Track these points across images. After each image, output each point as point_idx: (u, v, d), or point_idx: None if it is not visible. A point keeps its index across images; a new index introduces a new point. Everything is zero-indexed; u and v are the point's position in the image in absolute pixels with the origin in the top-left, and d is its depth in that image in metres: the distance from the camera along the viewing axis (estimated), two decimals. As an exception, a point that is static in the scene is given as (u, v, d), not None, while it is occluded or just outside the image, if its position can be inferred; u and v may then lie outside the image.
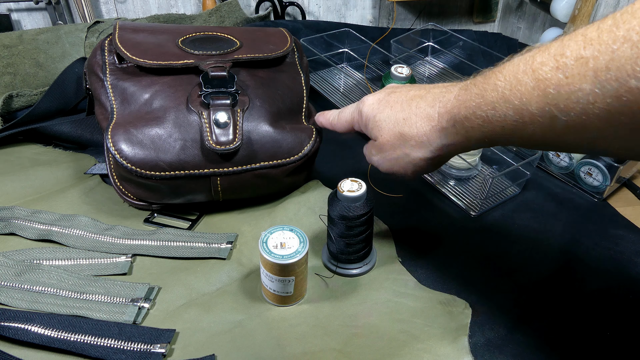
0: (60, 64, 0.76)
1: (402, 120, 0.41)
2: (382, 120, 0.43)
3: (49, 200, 0.56)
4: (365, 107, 0.46)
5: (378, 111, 0.44)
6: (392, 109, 0.43)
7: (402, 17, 1.08)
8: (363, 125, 0.46)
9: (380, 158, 0.45)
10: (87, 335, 0.40)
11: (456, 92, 0.37)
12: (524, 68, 0.30)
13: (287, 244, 0.43)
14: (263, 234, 0.44)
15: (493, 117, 0.33)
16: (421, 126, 0.40)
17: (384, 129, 0.43)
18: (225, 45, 0.57)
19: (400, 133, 0.41)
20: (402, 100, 0.42)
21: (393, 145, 0.43)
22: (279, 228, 0.44)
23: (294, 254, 0.42)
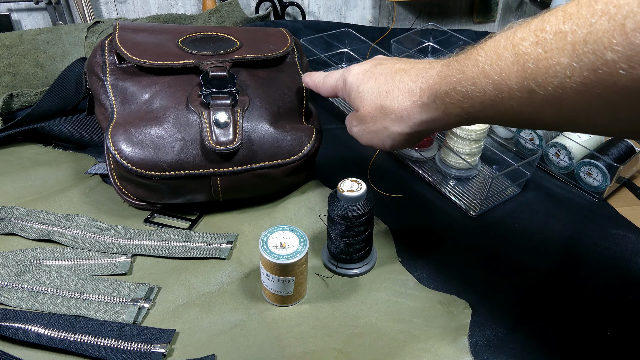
0: (60, 64, 0.76)
1: (385, 93, 0.41)
2: (365, 92, 0.43)
3: (49, 200, 0.56)
4: (350, 76, 0.45)
5: (362, 82, 0.44)
6: (376, 80, 0.42)
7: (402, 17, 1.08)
8: (346, 94, 0.46)
9: (360, 129, 0.45)
10: (87, 335, 0.40)
11: (439, 67, 0.38)
12: (504, 43, 0.30)
13: (287, 244, 0.43)
14: (263, 234, 0.43)
15: (472, 93, 0.33)
16: (402, 100, 0.40)
17: (366, 101, 0.43)
18: (225, 45, 0.57)
19: (381, 106, 0.42)
20: (387, 72, 0.42)
21: (373, 118, 0.43)
22: (279, 228, 0.44)
23: (294, 254, 0.42)
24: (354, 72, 0.45)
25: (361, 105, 0.44)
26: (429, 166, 0.67)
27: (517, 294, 0.48)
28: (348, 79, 0.46)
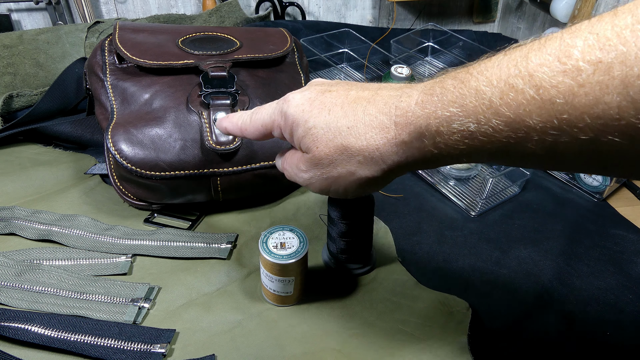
0: (60, 64, 0.76)
1: (346, 130, 0.32)
2: (317, 128, 0.34)
3: (49, 200, 0.56)
4: (291, 109, 0.35)
5: (311, 115, 0.34)
6: (330, 113, 0.33)
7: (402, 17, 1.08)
8: (287, 132, 0.36)
9: (312, 176, 0.36)
10: (87, 335, 0.40)
11: (416, 95, 0.30)
12: (515, 71, 0.24)
13: (287, 244, 0.43)
14: (263, 234, 0.43)
15: (477, 132, 0.26)
16: (372, 138, 0.32)
17: (321, 140, 0.34)
18: (225, 45, 0.57)
19: (343, 146, 0.33)
20: (342, 102, 0.34)
21: (333, 161, 0.34)
22: (279, 228, 0.44)
23: (294, 254, 0.42)
24: (294, 102, 0.35)
25: (314, 145, 0.34)
26: (429, 166, 0.67)
27: (517, 294, 0.48)
28: (289, 112, 0.35)
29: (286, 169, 0.39)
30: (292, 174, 0.38)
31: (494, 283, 0.49)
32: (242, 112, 0.41)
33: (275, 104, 0.38)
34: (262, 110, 0.39)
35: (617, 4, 0.76)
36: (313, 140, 0.34)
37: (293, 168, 0.38)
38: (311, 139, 0.34)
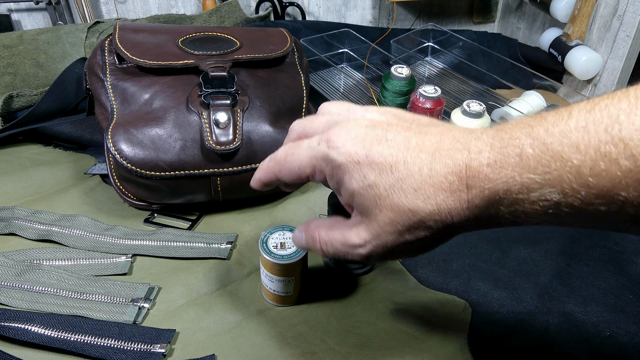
0: (60, 64, 0.76)
1: (413, 192, 0.28)
2: (379, 187, 0.28)
3: (49, 201, 0.56)
4: (341, 157, 0.29)
5: (370, 170, 0.29)
6: (392, 170, 0.28)
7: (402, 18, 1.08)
8: (334, 182, 0.31)
9: (374, 248, 0.30)
10: (87, 335, 0.40)
11: (488, 154, 0.26)
12: (607, 137, 0.22)
13: (287, 244, 0.43)
14: (263, 234, 0.43)
15: (562, 203, 0.24)
16: (443, 201, 0.27)
17: (385, 202, 0.28)
18: (225, 46, 0.57)
19: (411, 210, 0.28)
20: (406, 157, 0.29)
21: (399, 227, 0.29)
22: (279, 228, 0.44)
23: (293, 254, 0.42)
24: (344, 148, 0.29)
25: (375, 207, 0.29)
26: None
27: (517, 294, 0.48)
28: (338, 159, 0.29)
29: (324, 246, 0.32)
30: (337, 250, 0.32)
31: (494, 283, 0.49)
32: (273, 154, 0.34)
33: (316, 143, 0.31)
34: (298, 150, 0.32)
35: (617, 5, 0.76)
36: (375, 202, 0.29)
37: (338, 243, 0.31)
38: (372, 200, 0.29)
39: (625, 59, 0.76)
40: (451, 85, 0.87)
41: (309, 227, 0.34)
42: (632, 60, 0.78)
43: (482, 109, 0.60)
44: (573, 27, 0.82)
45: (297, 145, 0.32)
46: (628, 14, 0.74)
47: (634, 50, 0.76)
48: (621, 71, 0.78)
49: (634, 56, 0.77)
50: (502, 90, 0.88)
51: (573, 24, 0.82)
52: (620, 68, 0.77)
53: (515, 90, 0.87)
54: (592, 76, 0.82)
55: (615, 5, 0.76)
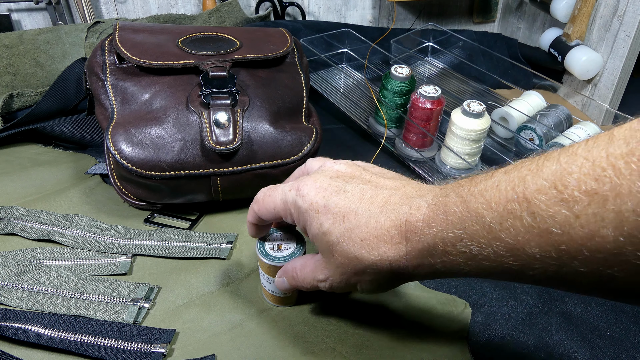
0: (60, 64, 0.76)
1: (360, 242, 0.32)
2: (332, 235, 0.33)
3: (49, 200, 0.56)
4: (305, 204, 0.34)
5: (326, 219, 0.33)
6: (344, 221, 0.32)
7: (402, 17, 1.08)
8: (300, 225, 0.36)
9: (333, 282, 0.36)
10: (87, 335, 0.40)
11: (425, 211, 0.29)
12: (513, 195, 0.24)
13: (284, 245, 0.42)
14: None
15: (479, 255, 0.26)
16: (384, 252, 0.31)
17: (335, 248, 0.33)
18: (225, 45, 0.57)
19: (357, 258, 0.32)
20: (357, 209, 0.32)
21: (347, 270, 0.34)
22: (276, 230, 0.44)
23: (290, 256, 0.41)
24: (308, 198, 0.34)
25: (328, 251, 0.34)
26: (429, 166, 0.67)
27: (517, 294, 0.48)
28: (303, 207, 0.34)
29: (302, 283, 0.38)
30: (311, 285, 0.37)
31: (494, 283, 0.49)
32: (255, 196, 0.39)
33: (288, 189, 0.36)
34: (274, 194, 0.37)
35: (617, 5, 0.76)
36: (328, 247, 0.34)
37: (310, 279, 0.37)
38: (326, 245, 0.34)
39: (625, 58, 0.76)
40: (451, 85, 0.87)
41: (287, 271, 0.39)
42: (632, 60, 0.78)
43: (482, 109, 0.60)
44: (573, 27, 0.82)
45: (274, 188, 0.37)
46: (628, 14, 0.74)
47: (634, 50, 0.76)
48: (621, 71, 0.78)
49: (634, 56, 0.77)
50: (502, 90, 0.88)
51: (573, 23, 0.82)
52: (620, 68, 0.77)
53: (515, 90, 0.87)
54: (592, 76, 0.82)
55: (615, 5, 0.76)
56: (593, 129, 0.66)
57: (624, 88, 0.81)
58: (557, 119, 0.70)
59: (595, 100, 0.81)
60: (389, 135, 0.70)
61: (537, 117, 0.70)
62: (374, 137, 0.72)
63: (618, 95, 0.81)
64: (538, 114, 0.71)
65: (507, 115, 0.72)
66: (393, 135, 0.71)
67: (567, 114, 0.71)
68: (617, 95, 0.81)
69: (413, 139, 0.67)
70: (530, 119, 0.71)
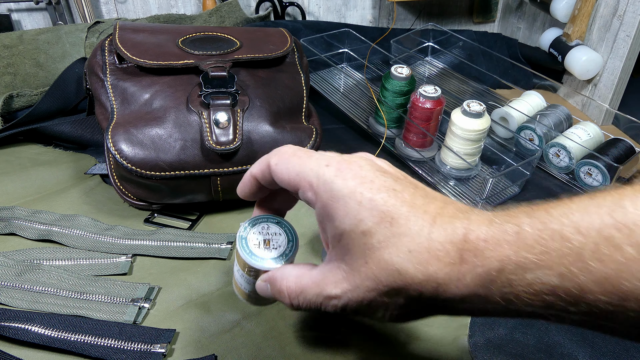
0: (60, 64, 0.76)
1: (407, 253, 0.25)
2: (374, 237, 0.26)
3: (49, 200, 0.56)
4: (339, 184, 0.27)
5: (370, 215, 0.26)
6: (392, 224, 0.26)
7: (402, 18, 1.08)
8: (320, 208, 0.28)
9: (350, 300, 0.27)
10: (87, 335, 0.40)
11: (486, 230, 0.25)
12: (609, 220, 0.21)
13: (272, 241, 0.33)
14: (242, 225, 0.34)
15: (559, 288, 0.22)
16: (434, 272, 0.25)
17: (374, 255, 0.26)
18: (225, 45, 0.57)
19: (398, 272, 0.25)
20: (409, 213, 0.26)
21: (381, 287, 0.26)
22: (263, 219, 0.35)
23: (279, 258, 0.33)
24: (352, 180, 0.27)
25: (362, 258, 0.26)
26: (429, 166, 0.67)
27: (517, 294, 0.48)
28: (340, 191, 0.27)
29: (295, 300, 0.30)
30: (310, 302, 0.29)
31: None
32: (278, 148, 0.31)
33: (325, 164, 0.28)
34: (308, 158, 0.29)
35: (617, 5, 0.76)
36: (363, 251, 0.26)
37: (311, 293, 0.28)
38: (361, 248, 0.26)
39: (626, 58, 0.76)
40: (451, 85, 0.87)
41: (275, 279, 0.31)
42: (632, 60, 0.78)
43: (482, 109, 0.60)
44: (573, 27, 0.82)
45: (308, 153, 0.30)
46: (628, 14, 0.74)
47: (634, 50, 0.76)
48: (621, 71, 0.78)
49: (634, 56, 0.77)
50: (502, 90, 0.88)
51: (573, 23, 0.82)
52: (620, 68, 0.77)
53: (515, 90, 0.87)
54: (592, 76, 0.82)
55: (616, 5, 0.76)
56: (593, 129, 0.66)
57: (624, 88, 0.81)
58: (557, 119, 0.70)
59: (595, 101, 0.81)
60: (389, 135, 0.70)
61: (537, 117, 0.70)
62: (374, 137, 0.72)
63: (618, 95, 0.81)
64: (538, 114, 0.71)
65: (507, 115, 0.72)
66: (393, 135, 0.71)
67: (567, 114, 0.71)
68: (617, 95, 0.81)
69: (413, 139, 0.67)
70: (530, 119, 0.71)
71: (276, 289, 0.31)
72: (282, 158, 0.30)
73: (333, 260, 0.28)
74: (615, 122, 0.81)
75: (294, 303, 0.30)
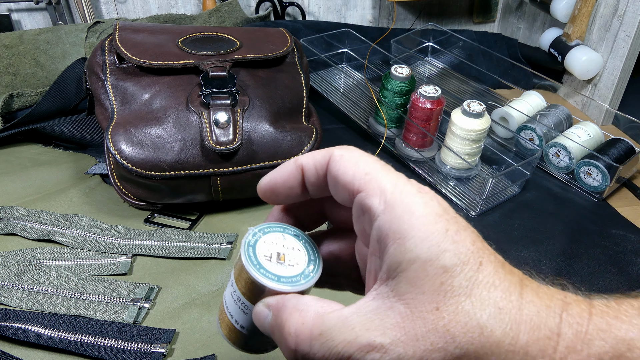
0: (60, 64, 0.76)
1: (496, 310, 0.19)
2: (453, 274, 0.19)
3: (49, 200, 0.56)
4: (428, 208, 0.20)
5: (456, 250, 0.20)
6: (480, 267, 0.20)
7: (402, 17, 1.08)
8: (378, 230, 0.20)
9: (398, 356, 0.19)
10: (87, 335, 0.40)
11: (586, 304, 0.20)
12: None
13: (287, 257, 0.24)
14: (251, 231, 0.25)
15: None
16: (526, 342, 0.19)
17: (451, 303, 0.19)
18: (225, 45, 0.57)
19: (481, 330, 0.19)
20: (502, 264, 0.22)
21: (449, 349, 0.19)
22: (278, 227, 0.26)
23: (298, 279, 0.23)
24: (435, 203, 0.21)
25: (433, 302, 0.19)
26: (429, 166, 0.67)
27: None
28: (420, 212, 0.20)
29: (308, 345, 0.20)
30: (333, 352, 0.19)
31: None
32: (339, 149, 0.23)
33: (397, 177, 0.21)
34: (374, 164, 0.22)
35: (617, 5, 0.76)
36: (436, 293, 0.19)
37: (340, 339, 0.19)
38: (434, 288, 0.19)
39: (626, 58, 0.76)
40: (451, 85, 0.87)
41: (284, 307, 0.22)
42: (632, 60, 0.78)
43: (482, 109, 0.60)
44: (573, 27, 0.82)
45: (372, 160, 0.22)
46: (628, 14, 0.74)
47: (634, 50, 0.76)
48: (621, 71, 0.78)
49: (634, 56, 0.77)
50: (502, 90, 0.88)
51: (573, 23, 0.82)
52: (620, 68, 0.77)
53: (515, 90, 0.87)
54: (592, 76, 0.82)
55: (616, 5, 0.76)
56: (593, 129, 0.66)
57: (624, 88, 0.81)
58: (557, 119, 0.70)
59: (595, 100, 0.81)
60: (389, 135, 0.70)
61: (537, 117, 0.70)
62: (374, 137, 0.72)
63: (618, 95, 0.81)
64: (538, 114, 0.71)
65: (507, 115, 0.72)
66: (393, 135, 0.71)
67: (567, 114, 0.71)
68: (617, 95, 0.81)
69: (413, 139, 0.67)
70: (530, 119, 0.71)
71: (281, 321, 0.21)
72: (350, 152, 0.23)
73: (383, 297, 0.20)
74: (615, 122, 0.81)
75: (300, 349, 0.20)
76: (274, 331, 0.22)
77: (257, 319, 0.23)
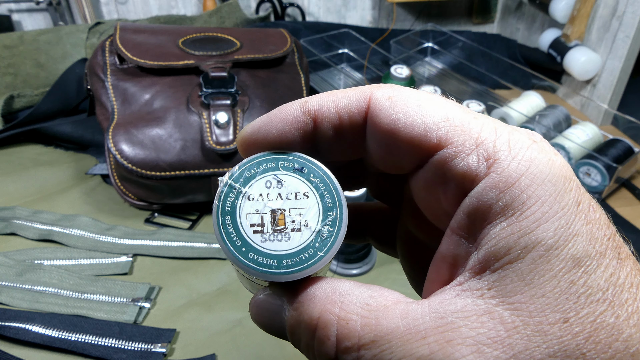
0: (61, 65, 0.76)
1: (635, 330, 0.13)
2: (591, 277, 0.13)
3: (50, 201, 0.57)
4: (539, 155, 0.15)
5: (590, 248, 0.14)
6: (619, 260, 0.14)
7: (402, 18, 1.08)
8: (485, 204, 0.14)
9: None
10: (87, 335, 0.40)
11: None
12: None
13: (288, 216, 0.16)
14: (224, 182, 0.16)
15: None
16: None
17: (587, 310, 0.13)
18: (226, 46, 0.57)
19: (630, 348, 0.13)
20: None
21: None
22: (268, 164, 0.17)
23: (310, 251, 0.17)
24: (546, 151, 0.15)
25: (559, 312, 0.13)
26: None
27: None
28: (538, 161, 0.14)
29: (351, 340, 0.15)
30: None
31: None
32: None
33: (476, 112, 0.16)
34: (432, 99, 0.16)
35: (616, 5, 0.76)
36: (566, 295, 0.13)
37: (402, 348, 0.14)
38: (564, 288, 0.13)
39: (625, 59, 0.77)
40: (451, 86, 0.87)
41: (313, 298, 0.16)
42: (631, 60, 0.78)
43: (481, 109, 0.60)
44: (572, 27, 0.82)
45: (442, 98, 0.16)
46: (627, 15, 0.75)
47: (633, 50, 0.76)
48: (620, 71, 0.78)
49: (633, 56, 0.77)
50: (502, 90, 0.88)
51: (572, 24, 0.82)
52: (619, 68, 0.78)
53: (514, 90, 0.87)
54: (591, 76, 0.82)
55: (615, 5, 0.76)
56: (592, 129, 0.66)
57: (623, 88, 0.81)
58: (556, 119, 0.70)
59: (594, 101, 0.81)
60: (388, 135, 0.70)
61: (536, 118, 0.70)
62: (373, 138, 0.72)
63: (617, 96, 0.81)
64: (537, 115, 0.71)
65: (507, 115, 0.72)
66: (393, 136, 0.71)
67: (566, 115, 0.71)
68: (616, 96, 0.81)
69: (413, 139, 0.67)
70: (529, 119, 0.71)
71: (309, 319, 0.16)
72: (401, 91, 0.16)
73: (475, 296, 0.14)
74: (614, 122, 0.81)
75: (345, 357, 0.15)
76: (294, 331, 0.16)
77: (265, 314, 0.17)
